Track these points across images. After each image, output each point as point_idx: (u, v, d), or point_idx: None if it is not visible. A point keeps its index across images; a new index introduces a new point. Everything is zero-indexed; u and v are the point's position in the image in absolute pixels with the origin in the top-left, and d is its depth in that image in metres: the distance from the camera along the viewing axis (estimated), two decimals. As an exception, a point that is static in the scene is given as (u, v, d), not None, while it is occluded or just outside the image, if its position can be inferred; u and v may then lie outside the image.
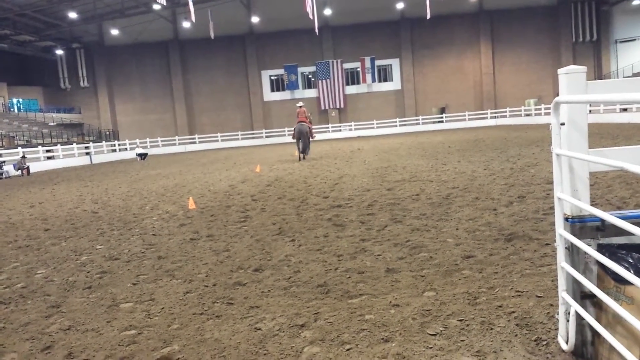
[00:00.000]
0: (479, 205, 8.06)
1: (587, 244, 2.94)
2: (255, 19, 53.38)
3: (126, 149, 47.32)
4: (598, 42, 53.15)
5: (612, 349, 2.98)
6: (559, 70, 3.07)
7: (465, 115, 52.22)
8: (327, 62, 55.27)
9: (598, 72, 52.95)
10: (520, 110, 49.13)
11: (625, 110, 32.91)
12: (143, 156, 38.36)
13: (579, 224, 3.05)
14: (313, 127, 23.24)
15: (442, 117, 53.16)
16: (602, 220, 2.98)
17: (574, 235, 3.02)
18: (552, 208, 7.35)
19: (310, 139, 22.61)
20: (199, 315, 4.31)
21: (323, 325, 3.86)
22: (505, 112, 50.51)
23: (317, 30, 42.52)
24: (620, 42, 51.92)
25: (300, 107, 23.23)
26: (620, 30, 51.94)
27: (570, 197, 3.01)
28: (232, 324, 4.03)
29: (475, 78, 55.72)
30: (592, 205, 2.90)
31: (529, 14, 53.54)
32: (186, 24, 48.32)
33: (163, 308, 4.56)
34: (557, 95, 3.03)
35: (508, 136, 27.50)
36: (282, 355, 3.43)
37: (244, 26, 55.00)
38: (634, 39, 50.89)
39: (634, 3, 49.41)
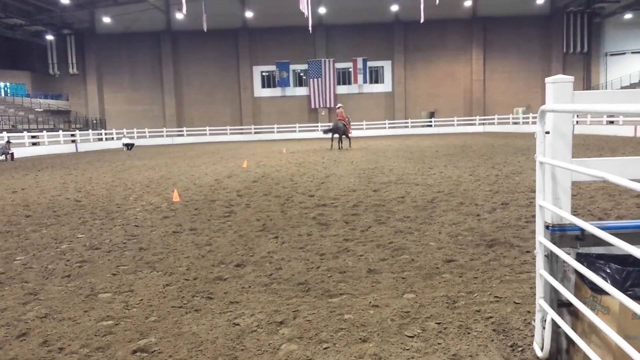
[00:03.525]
0: (463, 211, 8.11)
1: (566, 252, 2.97)
2: (249, 14, 53.22)
3: (113, 138, 46.92)
4: (588, 54, 53.68)
5: (586, 357, 3.01)
6: (547, 79, 3.09)
7: (454, 121, 52.51)
8: (320, 60, 55.23)
9: (587, 84, 53.49)
10: (509, 118, 49.48)
11: (612, 122, 33.22)
12: (130, 146, 38.08)
13: (559, 233, 3.08)
14: (351, 125, 29.38)
15: (430, 122, 53.37)
16: (582, 230, 3.01)
17: (554, 243, 3.04)
18: (535, 216, 7.44)
19: (349, 135, 28.06)
20: (177, 308, 4.29)
21: (302, 323, 3.86)
22: (494, 119, 50.84)
23: (310, 28, 42.48)
24: (611, 55, 52.51)
25: (339, 107, 28.72)
26: (611, 43, 52.52)
27: (551, 205, 3.03)
28: (211, 319, 4.02)
29: (465, 84, 56.00)
30: (573, 215, 2.93)
31: (522, 23, 53.91)
32: (179, 15, 48.01)
33: (142, 300, 4.53)
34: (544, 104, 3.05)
35: (495, 143, 27.69)
36: (259, 351, 3.42)
37: (238, 20, 54.78)
38: (624, 53, 51.51)
39: (626, 17, 49.99)
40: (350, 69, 56.14)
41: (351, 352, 3.36)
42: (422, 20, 43.18)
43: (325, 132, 28.88)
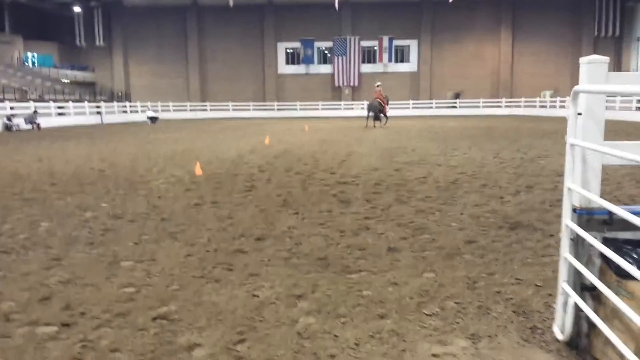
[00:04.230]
0: (486, 192, 8.02)
1: (592, 236, 2.91)
2: (275, -10, 52.74)
3: (137, 111, 47.28)
4: (620, 38, 52.15)
5: (607, 342, 2.97)
6: (581, 59, 3.00)
7: (479, 103, 51.69)
8: (345, 38, 54.65)
9: (618, 68, 52.05)
10: (535, 102, 48.57)
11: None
12: (154, 120, 38.38)
13: (587, 216, 3.02)
14: (387, 105, 28.91)
15: (455, 103, 52.61)
16: (610, 214, 2.95)
17: (581, 227, 2.99)
18: (559, 200, 7.29)
19: (386, 114, 28.24)
20: (198, 278, 4.34)
21: (320, 297, 3.87)
22: (520, 102, 49.94)
23: (337, 6, 41.96)
24: (643, 39, 51.00)
25: (378, 86, 28.88)
26: (644, 27, 50.98)
27: (580, 188, 2.97)
28: (231, 290, 4.05)
29: (493, 66, 54.98)
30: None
31: (552, 5, 52.48)
32: (205, -10, 47.77)
33: (163, 269, 4.58)
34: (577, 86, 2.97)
35: (521, 126, 27.26)
36: (278, 323, 3.44)
37: (264, -4, 54.38)
38: (657, 38, 49.99)
39: (661, 0, 48.43)
40: (375, 48, 55.45)
41: (369, 328, 3.36)
42: (451, 0, 42.31)
43: (374, 117, 28.13)
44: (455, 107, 51.90)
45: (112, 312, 3.60)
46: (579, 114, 2.97)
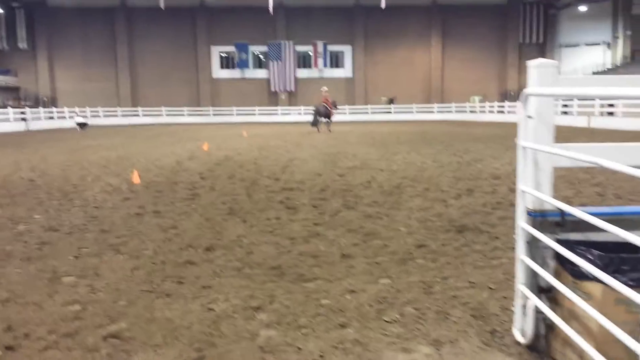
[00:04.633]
0: (429, 196, 8.17)
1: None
2: (208, -8, 51.96)
3: (65, 117, 45.22)
4: (544, 45, 54.92)
5: (565, 343, 3.05)
6: (530, 63, 3.08)
7: (412, 108, 52.87)
8: (280, 43, 54.62)
9: (541, 75, 54.73)
10: (465, 107, 50.25)
11: (611, 114, 31.11)
12: (83, 126, 36.82)
13: (540, 218, 3.09)
14: (336, 109, 29.50)
15: (390, 108, 53.59)
16: (562, 216, 3.04)
17: (535, 229, 3.05)
18: (500, 203, 7.57)
19: (328, 119, 28.42)
20: (147, 292, 4.14)
21: (278, 308, 3.79)
22: (451, 107, 51.52)
23: (271, 10, 41.87)
24: (565, 46, 53.86)
25: (325, 91, 29.66)
26: (566, 35, 53.87)
27: (534, 190, 3.04)
28: (184, 304, 3.89)
29: (424, 71, 56.49)
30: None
31: (480, 12, 54.63)
32: (136, -8, 46.42)
33: (108, 283, 4.35)
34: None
35: (454, 131, 28.13)
36: (237, 337, 3.33)
37: (196, -2, 53.46)
38: (578, 45, 52.91)
39: (580, 9, 51.30)
40: (310, 52, 55.76)
41: (331, 338, 3.31)
42: (383, 6, 43.15)
43: (314, 121, 28.44)
44: (390, 112, 52.84)
45: (59, 333, 3.37)
46: (529, 116, 3.04)
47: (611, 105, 30.96)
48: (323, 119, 28.23)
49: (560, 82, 2.99)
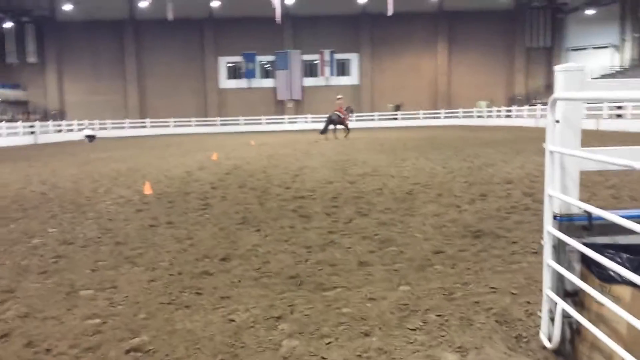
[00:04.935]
0: (443, 202, 8.12)
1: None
2: (215, 3, 52.26)
3: (73, 130, 45.51)
4: (551, 49, 54.82)
5: (592, 347, 3.00)
6: (556, 67, 3.05)
7: (419, 114, 52.83)
8: (286, 52, 54.85)
9: (549, 78, 54.68)
10: (473, 112, 50.16)
11: (619, 116, 31.03)
12: (92, 138, 37.06)
13: (567, 223, 3.05)
14: (352, 114, 31.88)
15: (396, 115, 53.55)
16: (589, 220, 2.99)
17: (562, 233, 3.01)
18: (514, 207, 7.51)
19: (343, 126, 28.83)
20: (166, 305, 4.12)
21: (299, 317, 3.75)
22: (458, 112, 51.44)
23: (279, 19, 42.03)
24: (573, 50, 53.70)
25: (339, 99, 30.02)
26: (573, 38, 53.75)
27: (562, 194, 3.00)
28: (204, 315, 3.87)
29: (430, 77, 56.50)
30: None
31: (487, 17, 54.63)
32: (143, 3, 46.85)
33: (127, 296, 4.33)
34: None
35: (462, 136, 28.05)
36: (261, 348, 3.29)
37: (204, 10, 53.72)
38: (585, 48, 52.74)
39: (588, 13, 51.18)
40: (317, 61, 55.94)
41: (355, 347, 3.27)
42: (389, 13, 43.23)
43: (325, 129, 29.07)
44: (396, 118, 52.83)
45: (80, 347, 3.35)
46: (557, 121, 3.01)
47: (619, 108, 30.77)
48: (336, 127, 28.71)
49: (587, 86, 2.96)
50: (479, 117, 48.86)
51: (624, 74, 44.23)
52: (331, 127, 28.75)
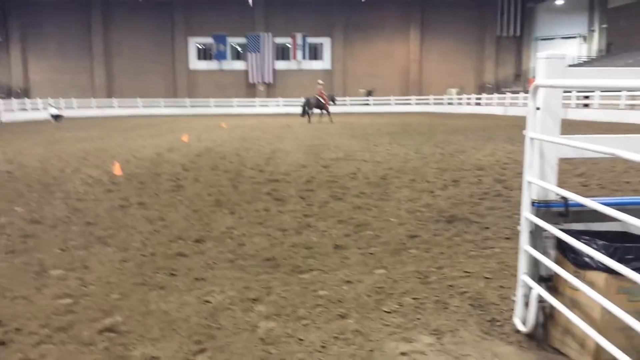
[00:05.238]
0: (416, 187, 8.18)
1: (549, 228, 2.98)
2: (185, -17, 51.21)
3: (38, 108, 44.22)
4: (520, 38, 55.46)
5: (565, 331, 3.07)
6: (539, 55, 3.07)
7: (390, 100, 53.00)
8: (258, 35, 54.18)
9: (518, 67, 55.50)
10: (443, 99, 50.58)
11: (586, 106, 31.51)
12: (57, 117, 36.08)
13: (544, 209, 3.10)
14: (333, 103, 31.04)
15: (368, 100, 53.61)
16: (566, 206, 3.04)
17: (539, 219, 3.06)
18: (486, 194, 7.62)
19: (324, 111, 29.55)
20: (140, 285, 4.06)
21: (276, 299, 3.74)
22: (429, 99, 51.80)
23: (250, 1, 41.47)
24: (541, 39, 54.43)
25: (320, 84, 30.86)
26: (542, 28, 54.44)
27: (540, 181, 3.04)
28: (179, 296, 3.82)
29: (402, 64, 56.61)
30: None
31: (458, 5, 54.82)
32: (111, -19, 45.44)
33: (99, 277, 4.25)
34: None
35: (433, 123, 28.28)
36: (237, 329, 3.27)
37: (174, -11, 52.64)
38: (554, 38, 53.49)
39: (557, 3, 51.88)
40: (289, 45, 55.45)
41: (332, 329, 3.28)
42: (363, -1, 42.99)
43: (303, 111, 29.78)
44: (368, 104, 52.89)
45: (52, 327, 3.27)
46: (538, 108, 3.04)
47: (587, 97, 31.44)
48: (315, 111, 29.37)
49: (568, 74, 2.99)
50: (449, 104, 49.31)
51: (590, 64, 45.13)
52: (311, 110, 29.27)
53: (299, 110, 29.79)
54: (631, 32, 42.98)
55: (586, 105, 31.63)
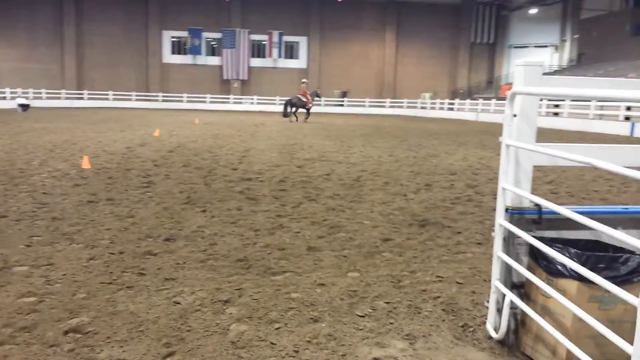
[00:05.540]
0: (390, 190, 8.20)
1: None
2: (161, -24, 50.51)
3: (5, 97, 43.10)
4: (494, 45, 56.38)
5: (536, 338, 3.09)
6: (516, 62, 3.08)
7: (365, 102, 53.22)
8: (234, 30, 53.79)
9: (490, 73, 56.33)
10: (417, 103, 51.00)
11: (556, 114, 31.94)
12: (25, 107, 35.22)
13: (518, 216, 3.11)
14: (319, 98, 32.12)
15: (342, 101, 53.73)
16: (539, 214, 3.06)
17: (513, 225, 3.07)
18: (458, 198, 7.67)
19: (305, 108, 29.30)
20: (107, 284, 3.94)
21: (248, 302, 3.67)
22: (403, 102, 52.18)
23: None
24: (515, 47, 55.41)
25: (303, 82, 30.63)
26: (516, 36, 55.44)
27: (515, 188, 3.05)
28: (147, 297, 3.72)
29: (377, 66, 56.94)
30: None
31: (434, 10, 55.46)
32: (85, -30, 44.48)
33: (65, 274, 4.12)
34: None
35: (406, 126, 28.49)
36: (208, 332, 3.20)
37: (149, -19, 51.88)
38: (527, 46, 54.50)
39: (531, 11, 52.84)
40: (265, 42, 55.22)
41: (305, 333, 3.23)
42: (339, -1, 43.09)
43: (284, 111, 29.31)
44: (342, 105, 53.01)
45: (15, 326, 3.15)
46: (514, 115, 3.05)
47: (557, 106, 32.05)
48: (297, 110, 29.14)
49: (545, 82, 3.01)
50: (422, 108, 49.74)
51: (562, 73, 46.08)
52: (294, 110, 29.01)
53: (273, 108, 29.55)
54: (602, 43, 44.01)
55: (556, 114, 32.22)
